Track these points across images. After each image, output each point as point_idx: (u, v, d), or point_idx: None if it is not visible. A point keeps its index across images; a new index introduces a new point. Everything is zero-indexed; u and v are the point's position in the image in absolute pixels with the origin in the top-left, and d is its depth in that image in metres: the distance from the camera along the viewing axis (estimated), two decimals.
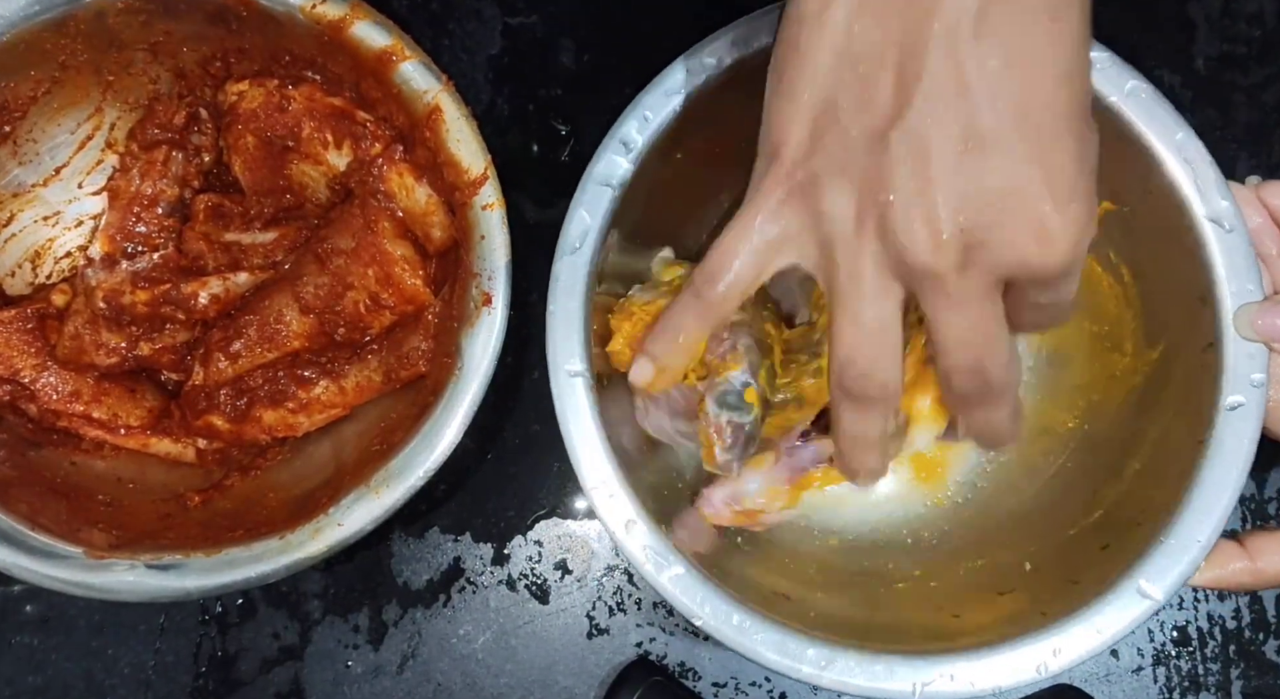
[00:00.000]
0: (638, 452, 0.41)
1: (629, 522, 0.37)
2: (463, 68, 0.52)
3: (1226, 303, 0.37)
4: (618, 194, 0.39)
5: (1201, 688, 0.48)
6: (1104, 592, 0.36)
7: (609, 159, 0.39)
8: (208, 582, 0.40)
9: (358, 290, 0.44)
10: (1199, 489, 0.36)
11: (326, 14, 0.42)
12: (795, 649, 0.36)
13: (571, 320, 0.38)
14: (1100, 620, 0.36)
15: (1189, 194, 0.38)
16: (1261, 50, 0.52)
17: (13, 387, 0.45)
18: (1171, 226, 0.38)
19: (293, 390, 0.45)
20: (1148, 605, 0.36)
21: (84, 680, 0.48)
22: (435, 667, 0.48)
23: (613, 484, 0.37)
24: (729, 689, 0.48)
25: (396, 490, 0.40)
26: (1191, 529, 0.36)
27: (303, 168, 0.47)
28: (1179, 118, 0.38)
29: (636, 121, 0.39)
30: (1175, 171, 0.38)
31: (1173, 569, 0.36)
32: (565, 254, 0.38)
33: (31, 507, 0.41)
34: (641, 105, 0.39)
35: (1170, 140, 0.38)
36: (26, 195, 0.47)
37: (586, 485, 0.37)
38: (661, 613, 0.48)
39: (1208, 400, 0.37)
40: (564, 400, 0.38)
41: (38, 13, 0.42)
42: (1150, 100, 0.38)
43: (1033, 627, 0.36)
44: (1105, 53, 0.38)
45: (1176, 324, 0.40)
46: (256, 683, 0.48)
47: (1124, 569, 0.36)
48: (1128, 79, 0.38)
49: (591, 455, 0.37)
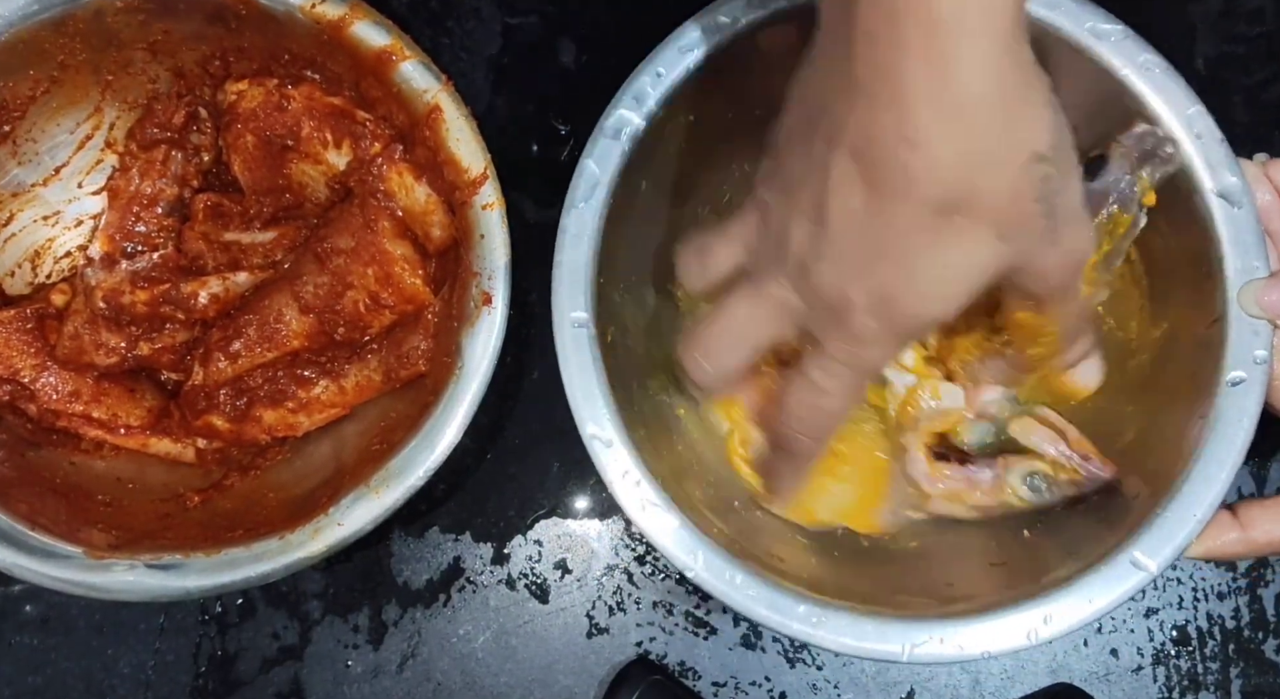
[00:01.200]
0: (639, 407, 0.41)
1: (625, 472, 0.37)
2: (462, 67, 0.52)
3: (1232, 279, 0.37)
4: (628, 148, 0.39)
5: (1201, 687, 0.48)
6: (1097, 562, 0.36)
7: (620, 113, 0.39)
8: (208, 582, 0.40)
9: (357, 290, 0.44)
10: (1198, 464, 0.36)
11: (326, 13, 0.42)
12: (786, 606, 0.36)
13: (577, 271, 0.38)
14: (1092, 590, 0.36)
15: (1198, 169, 0.38)
16: (1261, 50, 0.52)
17: (13, 387, 0.44)
18: (1179, 202, 0.38)
19: (293, 390, 0.45)
20: (1141, 577, 0.36)
21: (84, 680, 0.48)
22: (435, 666, 0.48)
23: (610, 434, 0.37)
24: (729, 689, 0.48)
25: (396, 490, 0.40)
26: (1189, 504, 0.36)
27: (302, 167, 0.47)
28: (1191, 93, 0.38)
29: (649, 77, 0.39)
30: (1185, 146, 0.38)
31: (1168, 542, 0.36)
32: (574, 205, 0.39)
33: (31, 507, 0.41)
34: (655, 61, 0.39)
35: (1182, 115, 0.38)
36: (26, 195, 0.47)
37: (585, 433, 0.37)
38: (661, 613, 0.48)
39: (1210, 376, 0.37)
40: (566, 349, 0.38)
41: (37, 12, 0.42)
42: (1163, 75, 0.38)
43: (1022, 594, 0.36)
44: (1119, 26, 0.38)
45: (1181, 301, 0.40)
46: (256, 683, 0.48)
47: (1119, 541, 0.36)
48: (1141, 53, 0.38)
49: (591, 405, 0.37)
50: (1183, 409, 0.38)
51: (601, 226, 0.39)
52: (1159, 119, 0.38)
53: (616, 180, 0.39)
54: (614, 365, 0.39)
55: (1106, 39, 0.38)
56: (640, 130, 0.39)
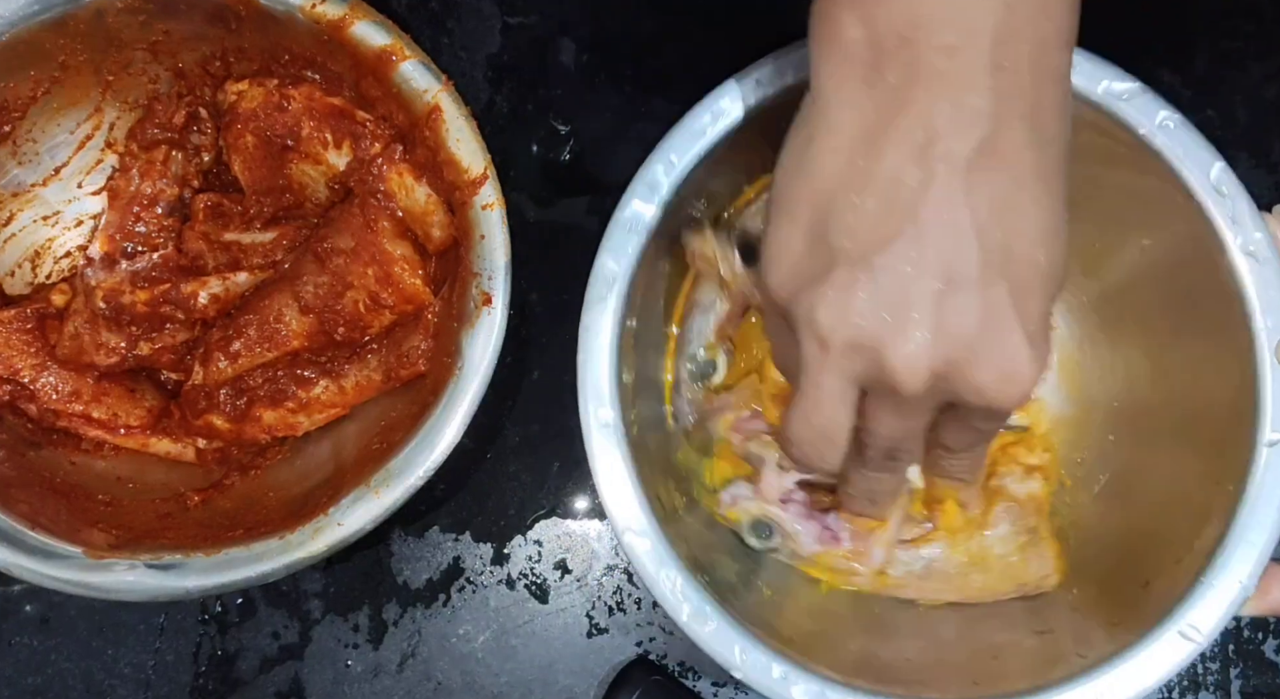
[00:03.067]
0: (670, 502, 0.41)
1: (666, 572, 0.37)
2: (462, 67, 0.52)
3: (1263, 337, 0.37)
4: (644, 241, 0.39)
5: (1201, 687, 0.48)
6: (1146, 634, 0.36)
7: (634, 206, 0.39)
8: (208, 581, 0.40)
9: (357, 290, 0.44)
10: (1239, 528, 0.36)
11: (326, 14, 0.42)
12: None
13: (601, 369, 0.38)
14: (1144, 664, 0.36)
15: (1222, 227, 0.37)
16: (1261, 49, 0.51)
17: (13, 386, 0.45)
18: (1203, 259, 0.38)
19: (293, 390, 0.45)
20: (1191, 648, 0.36)
21: (83, 680, 0.48)
22: (435, 666, 0.48)
23: (646, 529, 0.37)
24: (729, 689, 0.48)
25: (396, 490, 0.40)
26: (1233, 569, 0.36)
27: (302, 167, 0.47)
28: (1212, 149, 0.37)
29: (663, 165, 0.39)
30: (1207, 203, 0.37)
31: (1215, 611, 0.36)
32: (594, 303, 0.38)
33: (31, 507, 0.41)
34: (666, 149, 0.39)
35: (1204, 174, 0.37)
36: (26, 195, 0.47)
37: (621, 536, 0.37)
38: (661, 613, 0.48)
39: (1247, 437, 0.37)
40: (596, 450, 0.38)
41: (37, 12, 0.42)
42: (1183, 131, 0.37)
43: (1074, 670, 0.36)
44: (1134, 83, 0.38)
45: (1212, 359, 0.39)
46: (256, 682, 0.48)
47: (1166, 610, 0.36)
48: (1158, 110, 0.38)
49: (625, 506, 0.37)
50: (1221, 471, 0.38)
51: (621, 321, 0.39)
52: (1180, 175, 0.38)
53: (634, 273, 0.39)
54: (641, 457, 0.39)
55: (1121, 98, 0.38)
56: (654, 221, 0.39)
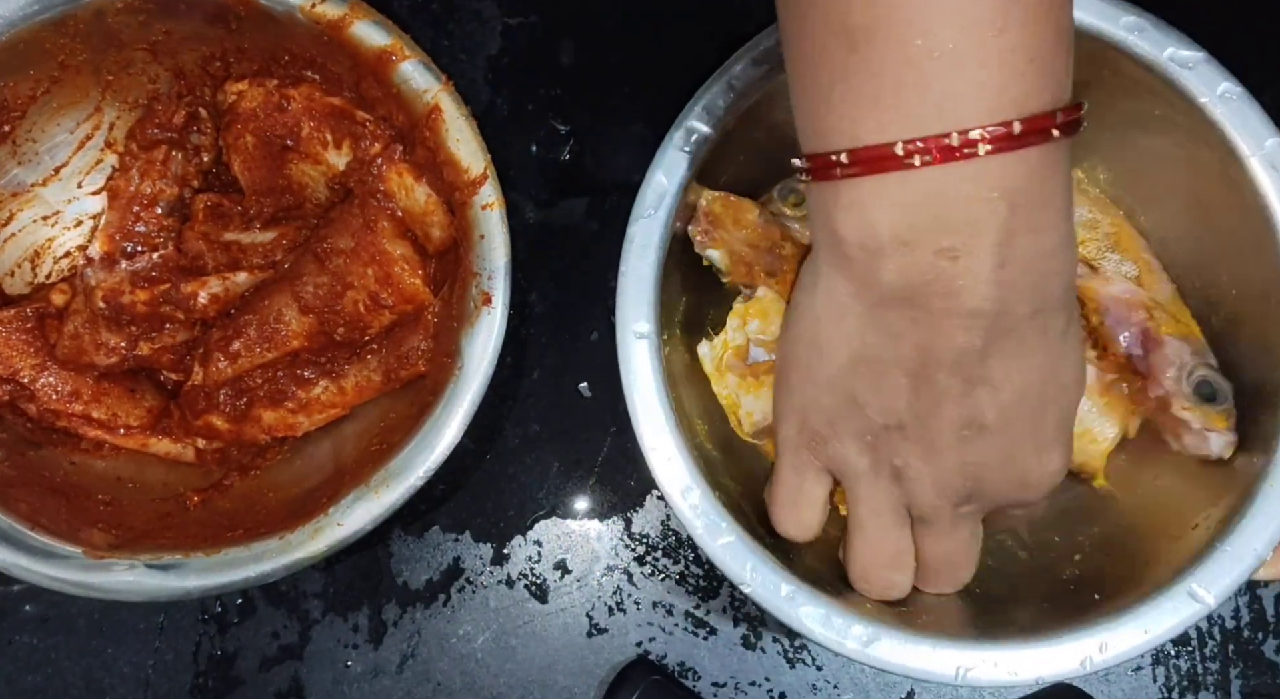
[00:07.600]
0: (699, 417, 0.41)
1: (686, 488, 0.37)
2: (462, 68, 0.52)
3: None
4: (696, 158, 0.39)
5: (1200, 687, 0.48)
6: (1155, 592, 0.36)
7: (690, 124, 0.39)
8: (208, 581, 0.40)
9: (357, 290, 0.44)
10: (1261, 500, 0.37)
11: (326, 14, 0.42)
12: (840, 624, 0.36)
13: (643, 282, 0.39)
14: (1149, 620, 0.36)
15: (1273, 203, 0.37)
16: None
17: (12, 386, 0.44)
18: (1255, 236, 0.38)
19: (292, 390, 0.45)
20: (1198, 609, 0.36)
21: (83, 680, 0.48)
22: (435, 666, 0.48)
23: (670, 448, 0.38)
24: (729, 689, 0.48)
25: (396, 490, 0.40)
26: (1249, 539, 0.36)
27: (302, 167, 0.47)
28: (1270, 123, 0.38)
29: (721, 88, 0.39)
30: (1260, 177, 0.37)
31: (1226, 576, 0.36)
32: (641, 217, 0.39)
33: (31, 507, 0.41)
34: (727, 73, 0.39)
35: (1259, 145, 0.37)
36: (26, 195, 0.47)
37: (645, 446, 0.38)
38: (661, 613, 0.48)
39: (1271, 413, 0.37)
40: (628, 361, 0.38)
41: (37, 12, 0.42)
42: (1242, 104, 0.38)
43: (1081, 620, 0.37)
44: (1201, 53, 0.38)
45: (1250, 333, 0.40)
46: (256, 682, 0.48)
47: (1178, 571, 0.37)
48: (1220, 81, 0.38)
49: (651, 418, 0.38)
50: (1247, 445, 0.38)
51: (668, 238, 0.39)
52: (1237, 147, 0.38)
53: (682, 192, 0.39)
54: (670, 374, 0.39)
55: (1185, 66, 0.38)
56: (708, 141, 0.39)
